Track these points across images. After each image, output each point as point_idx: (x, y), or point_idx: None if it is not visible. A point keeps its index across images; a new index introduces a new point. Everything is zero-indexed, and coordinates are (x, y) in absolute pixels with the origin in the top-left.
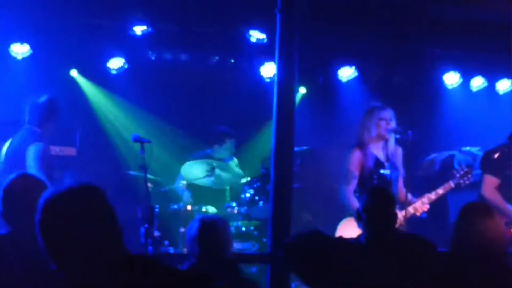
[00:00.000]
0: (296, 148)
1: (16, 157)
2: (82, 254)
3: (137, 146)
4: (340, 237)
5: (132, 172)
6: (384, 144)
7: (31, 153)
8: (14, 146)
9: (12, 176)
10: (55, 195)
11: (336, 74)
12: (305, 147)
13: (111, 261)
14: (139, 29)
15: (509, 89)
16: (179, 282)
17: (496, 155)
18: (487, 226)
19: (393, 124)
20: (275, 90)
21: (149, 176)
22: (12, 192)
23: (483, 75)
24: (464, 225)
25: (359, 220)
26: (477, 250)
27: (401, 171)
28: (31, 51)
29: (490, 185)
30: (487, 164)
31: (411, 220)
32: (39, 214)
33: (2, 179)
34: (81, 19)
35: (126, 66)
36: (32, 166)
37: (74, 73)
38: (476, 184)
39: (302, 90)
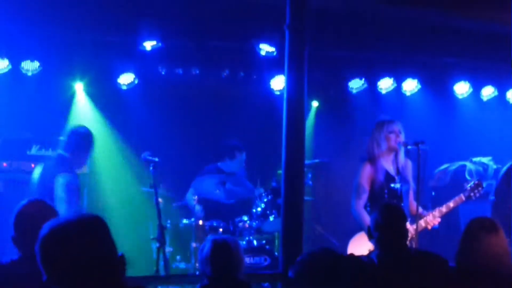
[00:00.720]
0: (307, 161)
1: (43, 184)
2: (81, 282)
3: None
4: (352, 255)
5: (144, 189)
6: (394, 158)
7: (59, 184)
8: (43, 173)
9: (24, 201)
10: (55, 227)
11: (347, 86)
12: (317, 160)
13: None
14: (149, 44)
15: None
16: None
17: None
18: (492, 242)
19: (402, 137)
20: (284, 104)
21: (160, 192)
22: (23, 218)
23: (494, 85)
24: (470, 241)
25: (371, 237)
26: (483, 266)
27: (412, 184)
28: (41, 68)
29: None
30: None
31: (423, 232)
32: (39, 243)
33: None
34: (91, 35)
35: (136, 82)
36: (61, 197)
37: (78, 87)
38: (488, 195)
39: (315, 104)
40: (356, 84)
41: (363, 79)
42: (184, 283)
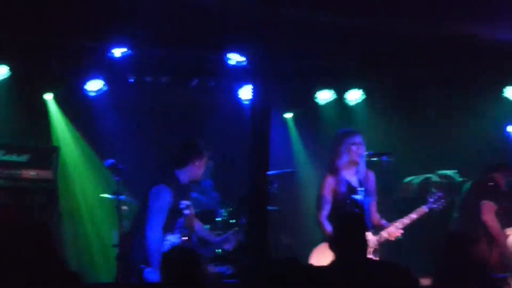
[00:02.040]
0: (276, 171)
1: None
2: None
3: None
4: (311, 265)
5: (107, 196)
6: (356, 170)
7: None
8: None
9: None
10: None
11: (314, 97)
12: (283, 171)
13: None
14: (118, 51)
15: (488, 112)
16: None
17: (492, 183)
18: (472, 254)
19: (363, 149)
20: (250, 114)
21: (125, 199)
22: None
23: (463, 98)
24: (448, 254)
25: (331, 247)
26: (463, 277)
27: (374, 196)
28: (9, 73)
29: (489, 211)
30: (485, 191)
31: (387, 243)
32: None
33: None
34: (60, 41)
35: (104, 88)
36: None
37: (48, 97)
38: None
39: (289, 115)
40: (324, 95)
41: (332, 90)
42: None
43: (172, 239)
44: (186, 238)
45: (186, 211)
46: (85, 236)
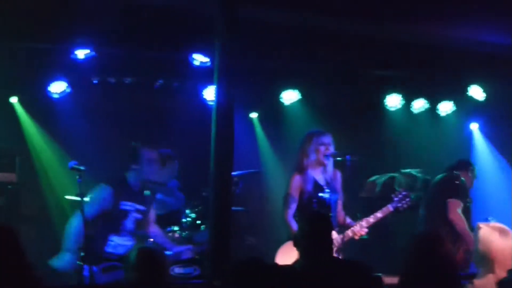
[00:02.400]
0: (240, 171)
1: None
2: None
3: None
4: (276, 265)
5: (69, 197)
6: (323, 169)
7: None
8: None
9: None
10: None
11: (279, 97)
12: (247, 171)
13: None
14: (81, 53)
15: (450, 111)
16: None
17: (458, 181)
18: (439, 254)
19: (332, 149)
20: (213, 115)
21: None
22: None
23: (425, 97)
24: (416, 254)
25: (296, 246)
26: (431, 276)
27: (340, 194)
28: None
29: (456, 208)
30: (451, 188)
31: (352, 241)
32: None
33: None
34: (23, 42)
35: (68, 90)
36: None
37: (14, 99)
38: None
39: (254, 115)
40: (288, 95)
41: (296, 90)
42: None
43: (118, 240)
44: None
45: (135, 215)
46: (51, 239)
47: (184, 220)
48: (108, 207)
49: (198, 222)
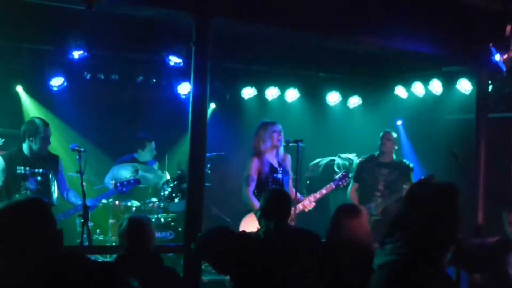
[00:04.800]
0: (209, 154)
1: None
2: (26, 252)
3: (75, 153)
4: (243, 232)
5: (70, 174)
6: (276, 153)
7: None
8: None
9: None
10: (6, 208)
11: (240, 93)
12: (214, 153)
13: (48, 259)
14: (76, 54)
15: (379, 107)
16: (95, 272)
17: (357, 164)
18: (354, 224)
19: (282, 136)
20: (190, 107)
21: (85, 177)
22: None
23: (359, 95)
24: (336, 223)
25: (261, 216)
26: (346, 243)
27: (291, 174)
28: None
29: (352, 189)
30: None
31: (300, 213)
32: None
33: None
34: (29, 44)
35: (65, 84)
36: None
37: (19, 89)
38: None
39: (213, 106)
40: (247, 92)
41: (254, 88)
42: (104, 253)
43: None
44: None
45: (34, 177)
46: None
47: (161, 193)
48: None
49: (173, 195)
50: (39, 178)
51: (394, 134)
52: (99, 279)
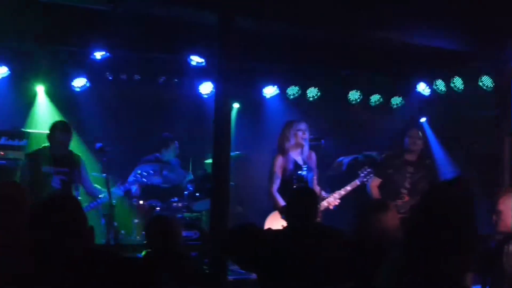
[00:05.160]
0: (232, 153)
1: None
2: (59, 248)
3: (97, 153)
4: (269, 229)
5: (95, 174)
6: (301, 151)
7: None
8: None
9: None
10: (34, 206)
11: (262, 92)
12: (238, 152)
13: (80, 254)
14: (99, 54)
15: (400, 105)
16: (131, 268)
17: (380, 159)
18: (383, 219)
19: (307, 134)
20: (214, 106)
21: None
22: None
23: (381, 93)
24: (367, 218)
25: (287, 213)
26: (375, 239)
27: (315, 172)
28: (8, 72)
29: (372, 185)
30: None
31: (325, 211)
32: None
33: None
34: (51, 46)
35: (87, 85)
36: None
37: (40, 89)
38: None
39: (236, 106)
40: (269, 91)
41: (276, 86)
42: (131, 252)
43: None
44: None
45: (58, 176)
46: None
47: (185, 192)
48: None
49: (197, 194)
50: (63, 176)
51: (420, 133)
52: (135, 273)
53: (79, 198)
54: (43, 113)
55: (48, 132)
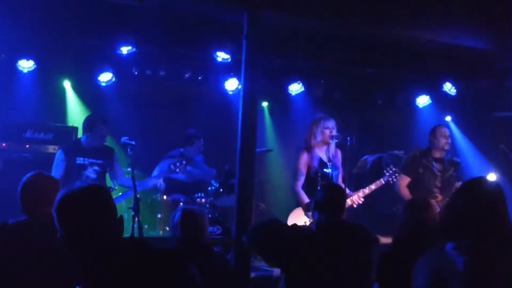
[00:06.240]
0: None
1: None
2: (89, 238)
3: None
4: (295, 224)
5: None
6: (327, 148)
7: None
8: None
9: (28, 175)
10: (65, 195)
11: (286, 90)
12: (262, 149)
13: (111, 244)
14: (125, 49)
15: (427, 103)
16: (164, 258)
17: (407, 157)
18: (427, 216)
19: (335, 132)
20: (241, 103)
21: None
22: (26, 188)
23: (406, 92)
24: (409, 216)
25: (313, 210)
26: (419, 236)
27: (340, 170)
28: (35, 66)
29: (400, 183)
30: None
31: (349, 209)
32: (55, 207)
33: None
34: (78, 40)
35: (113, 80)
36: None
37: (66, 84)
38: None
39: (265, 104)
40: (294, 88)
41: (301, 84)
42: (157, 244)
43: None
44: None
45: (93, 167)
46: None
47: (209, 188)
48: (65, 163)
49: (221, 190)
50: (97, 168)
51: (448, 131)
52: (166, 264)
53: (115, 188)
54: (71, 108)
55: (86, 125)
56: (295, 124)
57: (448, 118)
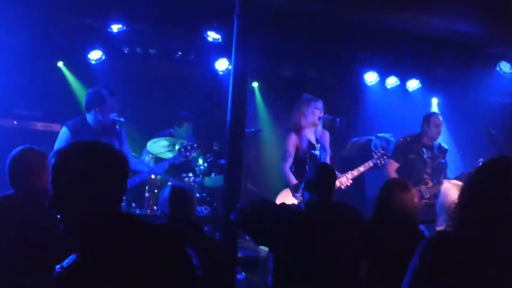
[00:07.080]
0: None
1: None
2: (83, 206)
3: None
4: (283, 203)
5: None
6: (315, 129)
7: None
8: None
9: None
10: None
11: (278, 71)
12: (252, 129)
13: (107, 215)
14: (115, 27)
15: (416, 87)
16: (159, 233)
17: (398, 143)
18: (404, 198)
19: (322, 113)
20: (231, 82)
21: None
22: (16, 161)
23: (396, 75)
24: (385, 197)
25: (303, 189)
26: (396, 218)
27: (328, 151)
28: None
29: (389, 169)
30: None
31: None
32: (57, 157)
33: None
34: (67, 18)
35: (103, 58)
36: None
37: (60, 64)
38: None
39: (255, 84)
40: (286, 68)
41: (293, 66)
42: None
43: None
44: None
45: None
46: None
47: (197, 168)
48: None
49: (209, 170)
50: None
51: (441, 118)
52: (165, 240)
53: None
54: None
55: (92, 100)
56: (283, 105)
57: (434, 101)
